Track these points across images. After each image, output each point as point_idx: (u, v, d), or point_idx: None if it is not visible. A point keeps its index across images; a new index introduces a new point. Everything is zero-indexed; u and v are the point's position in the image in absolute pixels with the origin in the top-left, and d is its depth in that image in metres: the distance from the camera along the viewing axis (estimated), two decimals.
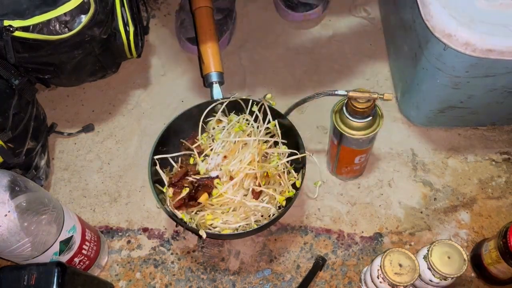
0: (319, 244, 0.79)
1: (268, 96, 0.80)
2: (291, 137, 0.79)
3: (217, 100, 0.82)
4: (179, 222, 0.73)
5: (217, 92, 0.84)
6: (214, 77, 0.85)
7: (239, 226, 0.73)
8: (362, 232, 0.80)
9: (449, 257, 0.62)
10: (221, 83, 0.85)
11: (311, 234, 0.80)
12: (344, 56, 0.99)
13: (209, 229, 0.73)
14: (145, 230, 0.81)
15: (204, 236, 0.70)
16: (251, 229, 0.71)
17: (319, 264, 0.76)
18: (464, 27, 0.64)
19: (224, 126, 0.80)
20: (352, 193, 0.83)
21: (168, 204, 0.73)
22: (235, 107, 0.82)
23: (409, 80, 0.83)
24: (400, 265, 0.62)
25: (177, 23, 1.02)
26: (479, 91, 0.75)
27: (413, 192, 0.83)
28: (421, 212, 0.81)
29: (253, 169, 0.74)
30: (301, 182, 0.75)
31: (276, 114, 0.80)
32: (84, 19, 0.74)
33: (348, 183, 0.84)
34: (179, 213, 0.73)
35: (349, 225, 0.80)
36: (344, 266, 0.77)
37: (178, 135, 0.82)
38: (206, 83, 0.86)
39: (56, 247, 0.64)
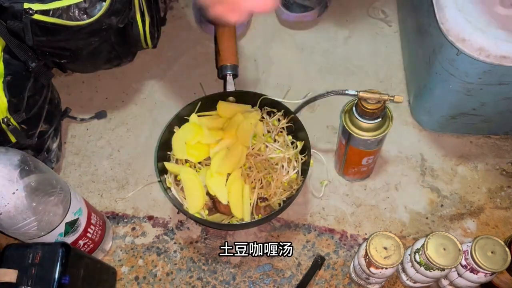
0: (322, 243, 0.79)
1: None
2: (299, 134, 0.79)
3: (228, 92, 0.83)
4: (181, 209, 0.74)
5: (230, 84, 0.84)
6: (228, 69, 0.85)
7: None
8: (366, 234, 0.79)
9: (444, 249, 0.62)
10: (235, 76, 0.86)
11: (314, 233, 0.80)
12: (359, 57, 0.98)
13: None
14: (150, 218, 0.82)
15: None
16: (253, 221, 0.72)
17: (318, 263, 0.76)
18: (479, 32, 0.64)
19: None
20: (358, 195, 0.83)
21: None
22: (246, 102, 0.83)
23: (422, 84, 0.82)
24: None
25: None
26: (492, 99, 0.74)
27: (419, 197, 0.82)
28: (427, 218, 0.80)
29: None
30: (305, 176, 0.75)
31: (286, 111, 0.81)
32: (103, 7, 0.75)
33: (355, 184, 0.84)
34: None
35: (352, 226, 0.80)
36: (345, 267, 0.77)
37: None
38: (220, 74, 0.86)
39: (62, 228, 0.65)
